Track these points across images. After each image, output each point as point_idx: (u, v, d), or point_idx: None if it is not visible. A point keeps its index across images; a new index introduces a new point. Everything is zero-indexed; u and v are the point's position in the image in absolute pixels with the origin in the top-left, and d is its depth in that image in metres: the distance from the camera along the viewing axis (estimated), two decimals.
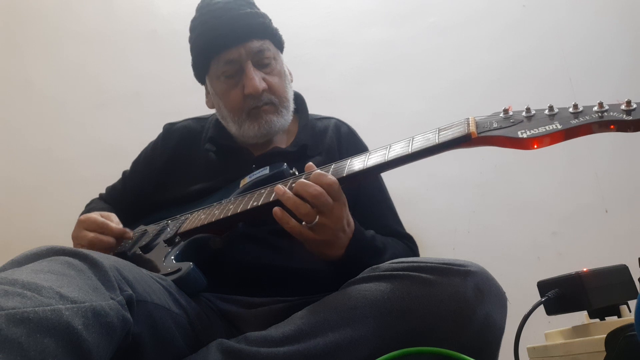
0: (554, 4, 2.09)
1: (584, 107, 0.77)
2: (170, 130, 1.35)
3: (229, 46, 1.18)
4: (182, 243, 1.06)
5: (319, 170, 0.95)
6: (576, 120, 0.76)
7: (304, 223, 0.93)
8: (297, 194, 0.92)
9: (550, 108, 0.80)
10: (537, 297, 0.94)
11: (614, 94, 1.96)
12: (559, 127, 0.76)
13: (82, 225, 1.11)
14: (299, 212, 0.91)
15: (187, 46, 1.30)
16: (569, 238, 1.86)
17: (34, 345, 0.55)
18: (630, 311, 0.91)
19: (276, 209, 0.94)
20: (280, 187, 0.94)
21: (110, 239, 1.09)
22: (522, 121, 0.81)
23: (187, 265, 0.97)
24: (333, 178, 0.92)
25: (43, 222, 1.86)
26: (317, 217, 0.91)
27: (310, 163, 1.01)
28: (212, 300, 1.03)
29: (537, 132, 0.77)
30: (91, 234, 1.08)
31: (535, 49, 2.05)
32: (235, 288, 1.06)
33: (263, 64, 1.20)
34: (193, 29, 1.25)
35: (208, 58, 1.21)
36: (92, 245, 1.07)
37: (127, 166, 1.41)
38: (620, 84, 1.98)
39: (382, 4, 2.13)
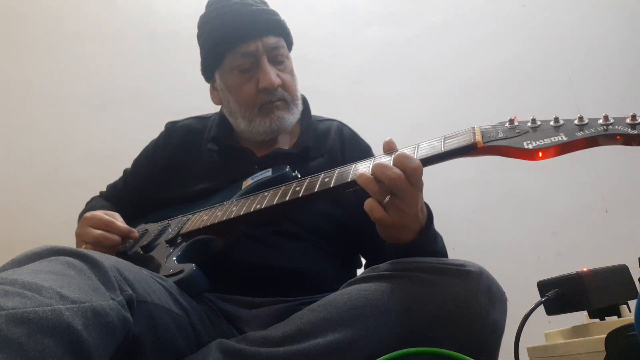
0: (554, 4, 2.10)
1: (589, 119, 0.78)
2: (172, 128, 1.35)
3: (246, 39, 1.17)
4: (184, 244, 1.06)
5: (403, 152, 0.88)
6: (581, 132, 0.76)
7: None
8: (375, 177, 0.86)
9: (556, 119, 0.80)
10: (537, 297, 0.94)
11: (614, 94, 1.97)
12: (564, 139, 0.77)
13: (88, 222, 1.10)
14: (369, 189, 0.86)
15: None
16: (569, 238, 1.86)
17: (34, 346, 0.55)
18: (630, 311, 0.91)
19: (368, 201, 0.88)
20: (377, 162, 0.88)
21: (116, 237, 1.08)
22: (527, 132, 0.82)
23: (189, 267, 0.97)
24: (418, 162, 0.86)
25: (43, 222, 1.86)
26: (388, 198, 0.86)
27: (390, 139, 0.95)
28: (213, 301, 1.03)
29: (542, 143, 0.78)
30: (97, 232, 1.08)
31: (535, 49, 2.05)
32: (236, 288, 1.06)
33: (277, 60, 1.21)
34: (205, 23, 1.25)
35: (223, 50, 1.20)
36: (98, 242, 1.06)
37: (127, 166, 1.41)
38: (620, 84, 1.99)
39: (382, 4, 2.13)
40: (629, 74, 2.00)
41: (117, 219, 1.12)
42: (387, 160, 0.89)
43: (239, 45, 1.18)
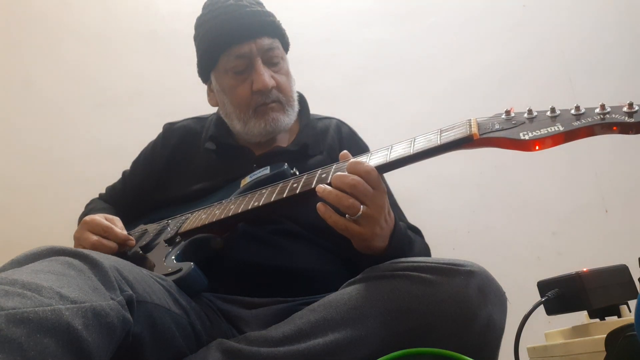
0: (554, 4, 2.09)
1: (585, 109, 0.77)
2: (170, 129, 1.35)
3: (240, 41, 1.18)
4: (183, 243, 1.06)
5: (354, 159, 0.92)
6: (578, 122, 0.76)
7: (347, 216, 0.90)
8: (336, 187, 0.89)
9: (552, 110, 0.80)
10: (537, 297, 0.94)
11: (613, 94, 1.97)
12: (561, 128, 0.76)
13: (86, 226, 1.10)
14: (342, 204, 0.88)
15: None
16: (569, 238, 1.86)
17: (34, 346, 0.55)
18: (630, 311, 0.91)
19: (319, 205, 0.91)
20: (321, 186, 0.91)
21: (112, 244, 1.08)
22: (524, 123, 0.81)
23: (187, 266, 0.97)
24: (370, 165, 0.89)
25: (43, 222, 1.86)
26: (361, 208, 0.88)
27: (345, 151, 0.99)
28: (213, 300, 1.03)
29: (538, 133, 0.77)
30: (94, 237, 1.07)
31: (535, 49, 2.05)
32: (235, 288, 1.06)
33: (272, 62, 1.21)
34: (201, 24, 1.25)
35: (217, 52, 1.21)
36: (95, 248, 1.06)
37: (127, 166, 1.41)
38: (620, 84, 1.98)
39: (382, 4, 2.13)
40: (629, 74, 2.00)
41: (117, 225, 1.11)
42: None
43: (233, 47, 1.18)
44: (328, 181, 0.92)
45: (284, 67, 1.23)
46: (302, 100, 1.33)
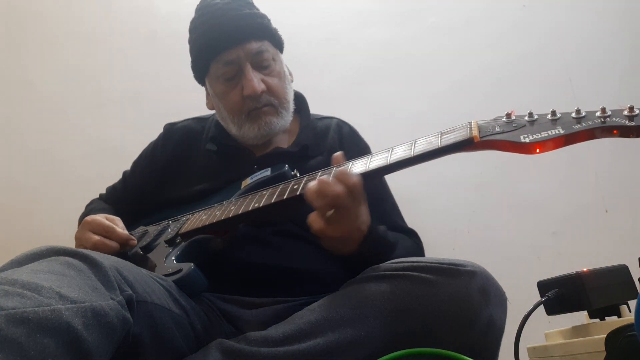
0: (554, 4, 2.09)
1: (586, 112, 0.77)
2: (170, 130, 1.35)
3: (227, 47, 1.17)
4: (183, 244, 1.06)
5: (342, 169, 0.92)
6: (578, 125, 0.76)
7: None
8: (318, 191, 0.90)
9: (553, 113, 0.80)
10: (537, 297, 0.94)
11: (614, 95, 1.97)
12: (562, 132, 0.76)
13: (88, 227, 1.09)
14: (314, 205, 0.90)
15: (187, 47, 1.30)
16: (569, 238, 1.86)
17: (33, 345, 0.55)
18: (630, 311, 0.91)
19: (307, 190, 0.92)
20: (320, 178, 0.92)
21: (114, 244, 1.08)
22: (524, 126, 0.81)
23: (187, 266, 0.97)
24: (355, 179, 0.89)
25: (43, 222, 1.86)
26: (332, 211, 0.89)
27: (339, 153, 1.00)
28: (213, 301, 1.03)
29: (539, 136, 0.78)
30: (96, 237, 1.07)
31: (535, 49, 2.05)
32: (235, 288, 1.06)
33: (262, 65, 1.20)
34: (192, 30, 1.25)
35: (207, 59, 1.21)
36: (96, 248, 1.06)
37: (127, 166, 1.41)
38: (620, 85, 1.98)
39: (382, 4, 2.13)
40: (629, 75, 2.00)
41: (118, 225, 1.11)
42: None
43: (221, 54, 1.18)
44: None
45: (275, 68, 1.22)
46: (302, 100, 1.33)
